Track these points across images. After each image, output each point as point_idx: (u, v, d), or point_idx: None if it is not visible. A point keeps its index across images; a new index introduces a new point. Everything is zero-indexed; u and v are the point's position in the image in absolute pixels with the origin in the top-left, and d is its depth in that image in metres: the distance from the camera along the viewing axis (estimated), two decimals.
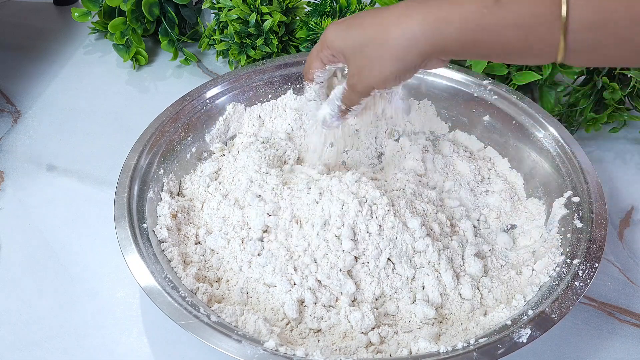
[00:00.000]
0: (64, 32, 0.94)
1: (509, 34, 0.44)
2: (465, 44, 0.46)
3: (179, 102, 0.68)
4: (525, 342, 0.46)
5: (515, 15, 0.43)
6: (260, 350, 0.46)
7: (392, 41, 0.48)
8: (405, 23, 0.47)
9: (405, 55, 0.48)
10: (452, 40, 0.46)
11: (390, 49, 0.48)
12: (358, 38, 0.50)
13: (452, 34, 0.45)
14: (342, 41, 0.51)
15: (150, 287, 0.50)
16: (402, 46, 0.47)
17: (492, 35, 0.44)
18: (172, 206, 0.60)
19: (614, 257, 0.62)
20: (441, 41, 0.46)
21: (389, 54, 0.48)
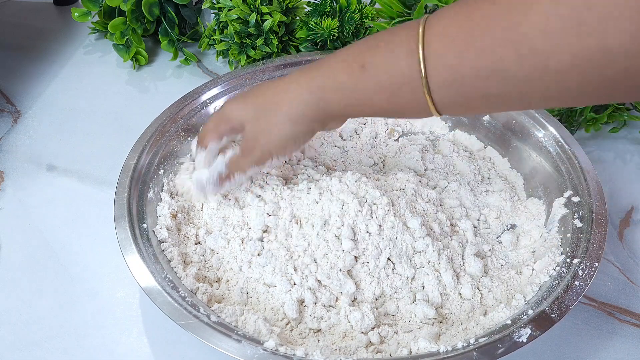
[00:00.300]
0: (64, 32, 0.94)
1: (377, 97, 0.48)
2: (345, 108, 0.51)
3: (179, 103, 0.68)
4: (525, 342, 0.46)
5: (378, 81, 0.47)
6: (260, 350, 0.46)
7: (286, 107, 0.52)
8: (295, 90, 0.52)
9: (300, 119, 0.52)
10: (334, 105, 0.51)
11: (286, 114, 0.52)
12: (255, 106, 0.54)
13: (332, 100, 0.50)
14: (240, 111, 0.55)
15: (150, 287, 0.50)
16: (295, 111, 0.52)
17: (363, 99, 0.49)
18: (172, 206, 0.60)
19: (614, 257, 0.62)
20: (325, 106, 0.51)
21: (284, 118, 0.52)
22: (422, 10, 0.74)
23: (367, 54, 0.48)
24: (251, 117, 0.54)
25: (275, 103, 0.53)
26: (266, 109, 0.53)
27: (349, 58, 0.49)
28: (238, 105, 0.56)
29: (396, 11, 0.77)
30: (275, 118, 0.53)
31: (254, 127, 0.54)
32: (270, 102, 0.53)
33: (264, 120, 0.53)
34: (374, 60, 0.47)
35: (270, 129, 0.53)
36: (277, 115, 0.53)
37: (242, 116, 0.55)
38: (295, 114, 0.52)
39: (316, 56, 0.75)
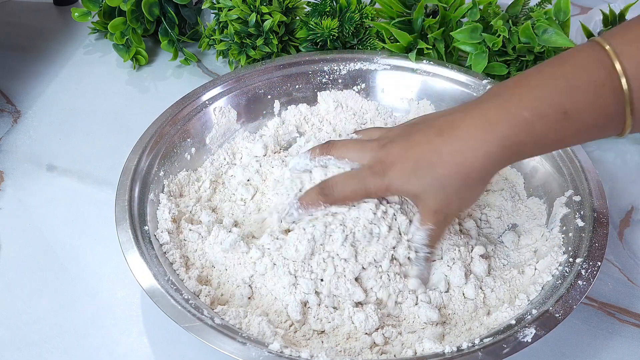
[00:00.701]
0: (64, 32, 0.94)
1: (580, 138, 0.48)
2: (534, 154, 0.50)
3: (178, 103, 0.68)
4: (530, 342, 0.46)
5: (581, 124, 0.45)
6: (265, 352, 0.46)
7: (475, 174, 0.48)
8: (482, 152, 0.47)
9: (488, 177, 0.50)
10: (528, 154, 0.50)
11: (474, 179, 0.48)
12: (434, 180, 0.49)
13: (527, 151, 0.48)
14: (414, 186, 0.50)
15: (153, 290, 0.50)
16: (485, 173, 0.49)
17: (562, 144, 0.49)
18: (172, 210, 0.60)
19: (614, 257, 0.62)
20: (517, 158, 0.49)
21: (474, 183, 0.49)
22: (422, 10, 0.74)
23: (567, 99, 0.45)
24: (429, 190, 0.49)
25: (461, 173, 0.48)
26: (450, 180, 0.48)
27: (543, 106, 0.45)
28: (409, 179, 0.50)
29: (396, 11, 0.77)
30: (464, 187, 0.49)
31: (437, 199, 0.50)
32: (452, 173, 0.48)
33: (450, 192, 0.49)
34: (575, 106, 0.45)
35: (461, 198, 0.50)
36: (466, 184, 0.48)
37: (416, 191, 0.50)
38: (485, 177, 0.49)
39: (316, 56, 0.75)
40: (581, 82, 0.44)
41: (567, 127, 0.45)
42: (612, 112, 0.45)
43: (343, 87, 0.75)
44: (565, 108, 0.45)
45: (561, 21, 0.72)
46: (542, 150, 0.49)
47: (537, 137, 0.46)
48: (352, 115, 0.74)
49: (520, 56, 0.73)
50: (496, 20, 0.71)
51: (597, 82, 0.44)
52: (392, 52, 0.75)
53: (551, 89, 0.45)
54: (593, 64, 0.44)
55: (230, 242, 0.56)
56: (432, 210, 0.50)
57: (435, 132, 0.49)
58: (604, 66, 0.44)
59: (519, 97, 0.46)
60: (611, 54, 0.44)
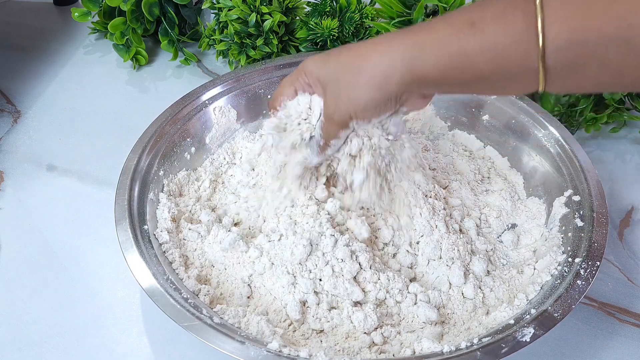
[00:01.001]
0: (64, 32, 0.94)
1: (482, 58, 0.43)
2: (443, 71, 0.45)
3: (178, 103, 0.68)
4: (529, 341, 0.46)
5: (490, 39, 0.42)
6: (264, 351, 0.46)
7: (369, 69, 0.47)
8: (383, 51, 0.46)
9: (384, 82, 0.47)
10: (430, 67, 0.45)
11: (368, 76, 0.47)
12: (335, 66, 0.50)
13: (430, 60, 0.45)
14: (320, 69, 0.52)
15: (152, 289, 0.50)
16: (380, 73, 0.47)
17: (469, 61, 0.43)
18: (172, 210, 0.60)
19: (614, 257, 0.62)
20: (419, 67, 0.45)
21: (365, 80, 0.48)
22: (422, 10, 0.74)
23: (477, 11, 0.43)
24: (331, 76, 0.50)
25: (359, 62, 0.48)
26: (348, 68, 0.49)
27: (454, 17, 0.44)
28: (318, 63, 0.52)
29: (396, 11, 0.77)
30: (356, 78, 0.48)
31: (332, 89, 0.51)
32: (353, 61, 0.48)
33: (345, 81, 0.49)
34: (485, 16, 0.42)
35: (348, 92, 0.49)
36: (359, 75, 0.48)
37: (322, 74, 0.52)
38: (379, 77, 0.47)
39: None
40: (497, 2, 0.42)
41: (472, 36, 0.42)
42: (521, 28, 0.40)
43: None
44: (473, 18, 0.43)
45: None
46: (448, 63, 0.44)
47: (438, 40, 0.44)
48: None
49: None
50: None
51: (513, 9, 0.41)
52: None
53: (467, 7, 0.44)
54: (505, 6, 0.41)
55: (230, 242, 0.56)
56: (327, 101, 0.51)
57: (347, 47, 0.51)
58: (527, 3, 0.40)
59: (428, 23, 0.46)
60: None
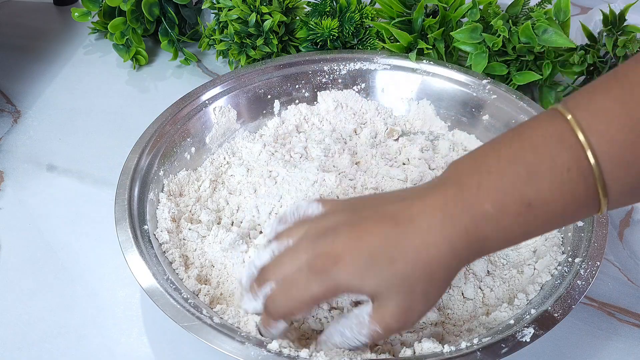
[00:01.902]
0: (64, 32, 0.94)
1: (550, 226, 0.42)
2: (502, 247, 0.43)
3: (178, 103, 0.68)
4: (529, 341, 0.46)
5: (550, 215, 0.40)
6: (264, 351, 0.46)
7: (441, 272, 0.42)
8: (446, 248, 0.41)
9: (453, 275, 0.43)
10: (494, 249, 0.43)
11: (439, 277, 0.42)
12: (396, 278, 0.42)
13: (494, 246, 0.42)
14: (370, 283, 0.42)
15: (152, 289, 0.50)
16: (451, 270, 0.42)
17: (533, 235, 0.43)
18: (172, 210, 0.60)
19: (614, 257, 0.62)
20: (483, 253, 0.43)
21: (439, 281, 0.42)
22: (422, 10, 0.74)
23: (529, 189, 0.39)
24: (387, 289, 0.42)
25: (423, 270, 0.41)
26: (413, 279, 0.41)
27: (505, 198, 0.40)
28: (362, 275, 0.42)
29: (396, 11, 0.77)
30: (428, 286, 0.42)
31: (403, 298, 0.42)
32: (414, 271, 0.41)
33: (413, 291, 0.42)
34: (539, 196, 0.39)
35: (425, 299, 0.43)
36: (431, 282, 0.42)
37: (372, 289, 0.42)
38: (450, 274, 0.43)
39: (316, 56, 0.75)
40: (543, 168, 0.39)
41: (532, 219, 0.40)
42: (583, 197, 0.39)
43: (343, 87, 0.75)
44: (528, 199, 0.39)
45: (561, 21, 0.72)
46: (510, 243, 0.43)
47: (501, 231, 0.41)
48: (352, 115, 0.74)
49: (520, 56, 0.73)
50: (496, 20, 0.71)
51: (561, 167, 0.38)
52: (392, 52, 0.75)
53: (511, 177, 0.40)
54: (554, 144, 0.39)
55: (230, 241, 0.56)
56: (393, 313, 0.43)
57: (389, 221, 0.42)
58: (567, 145, 0.38)
59: (478, 186, 0.40)
60: (575, 127, 0.38)
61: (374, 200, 0.45)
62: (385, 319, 0.43)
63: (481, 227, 0.40)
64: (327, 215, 0.46)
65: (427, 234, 0.41)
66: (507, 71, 0.74)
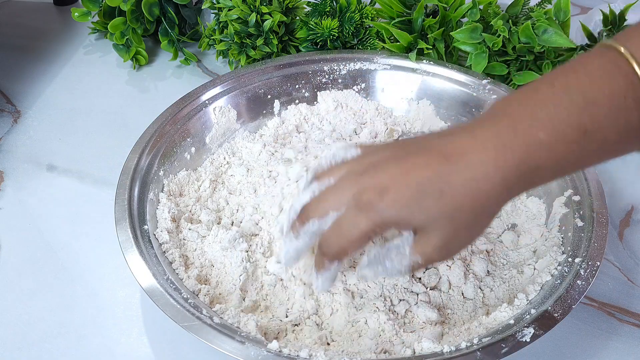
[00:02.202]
0: (64, 32, 0.94)
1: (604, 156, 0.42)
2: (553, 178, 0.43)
3: (178, 103, 0.68)
4: (529, 341, 0.46)
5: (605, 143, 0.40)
6: (264, 351, 0.46)
7: (490, 204, 0.41)
8: (499, 179, 0.40)
9: (500, 207, 0.43)
10: (545, 180, 0.43)
11: (486, 211, 0.42)
12: (443, 211, 0.41)
13: (546, 176, 0.42)
14: (417, 216, 0.41)
15: (152, 289, 0.50)
16: (500, 202, 0.42)
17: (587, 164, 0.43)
18: (172, 210, 0.60)
19: (614, 257, 0.62)
20: (535, 184, 0.43)
21: (485, 215, 0.43)
22: (422, 10, 0.74)
23: (585, 116, 0.39)
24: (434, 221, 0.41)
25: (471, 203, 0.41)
26: (459, 212, 0.41)
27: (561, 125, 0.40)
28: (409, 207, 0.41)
29: (396, 11, 0.77)
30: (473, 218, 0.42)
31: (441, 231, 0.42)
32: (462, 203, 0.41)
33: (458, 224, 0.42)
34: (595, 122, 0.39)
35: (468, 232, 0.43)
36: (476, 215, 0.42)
37: (419, 221, 0.42)
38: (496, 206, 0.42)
39: (316, 56, 0.75)
40: (600, 95, 0.39)
41: (588, 146, 0.40)
42: (637, 125, 0.39)
43: (343, 87, 0.75)
44: (585, 126, 0.39)
45: (561, 21, 0.72)
46: (562, 173, 0.43)
47: (555, 160, 0.40)
48: (352, 115, 0.74)
49: (520, 56, 0.73)
50: (496, 20, 0.71)
51: (617, 93, 0.39)
52: (392, 52, 0.75)
53: (567, 105, 0.40)
54: (610, 72, 0.39)
55: (230, 240, 0.56)
56: (436, 245, 0.42)
57: (438, 156, 0.41)
58: (622, 73, 0.39)
59: (532, 116, 0.40)
60: (629, 58, 0.39)
61: (419, 138, 0.45)
62: (427, 250, 0.43)
63: (535, 156, 0.40)
64: (369, 153, 0.45)
65: (479, 167, 0.40)
66: (507, 71, 0.74)
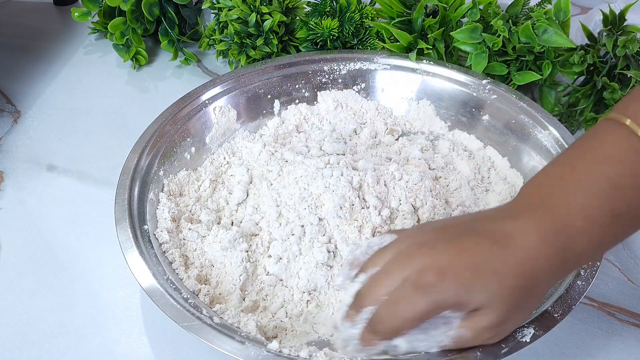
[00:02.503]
0: (64, 32, 0.94)
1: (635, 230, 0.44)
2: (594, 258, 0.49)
3: (178, 103, 0.68)
4: (529, 342, 0.46)
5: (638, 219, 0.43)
6: (264, 351, 0.46)
7: (540, 286, 0.44)
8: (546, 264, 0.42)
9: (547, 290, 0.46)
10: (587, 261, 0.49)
11: (536, 292, 0.44)
12: (502, 290, 0.42)
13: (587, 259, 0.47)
14: (478, 297, 0.42)
15: (152, 289, 0.50)
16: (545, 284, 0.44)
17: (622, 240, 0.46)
18: (172, 210, 0.60)
19: (614, 257, 0.62)
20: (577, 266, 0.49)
21: (535, 296, 0.44)
22: (422, 10, 0.74)
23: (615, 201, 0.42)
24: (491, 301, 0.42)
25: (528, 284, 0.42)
26: (518, 293, 0.42)
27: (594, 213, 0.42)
28: (467, 288, 0.41)
29: (396, 11, 0.77)
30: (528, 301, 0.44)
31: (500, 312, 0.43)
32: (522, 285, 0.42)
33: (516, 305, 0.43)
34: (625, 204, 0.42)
35: (523, 313, 0.45)
36: (530, 297, 0.43)
37: (480, 301, 0.42)
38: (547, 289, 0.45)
39: (316, 56, 0.75)
40: (624, 179, 0.41)
41: (621, 227, 0.43)
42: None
43: (343, 87, 0.75)
44: (616, 210, 0.42)
45: (561, 21, 0.72)
46: (602, 251, 0.48)
47: (593, 243, 0.43)
48: (352, 115, 0.74)
49: (520, 56, 0.73)
50: (496, 20, 0.71)
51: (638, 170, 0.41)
52: (392, 52, 0.75)
53: (595, 192, 0.42)
54: (628, 153, 0.41)
55: (229, 239, 0.56)
56: (489, 324, 0.43)
57: (487, 238, 0.42)
58: (636, 150, 0.41)
59: (566, 206, 0.42)
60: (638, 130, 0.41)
61: (459, 222, 0.46)
62: (478, 327, 0.43)
63: (576, 243, 0.42)
64: (409, 236, 0.46)
65: (527, 250, 0.42)
66: (507, 71, 0.74)
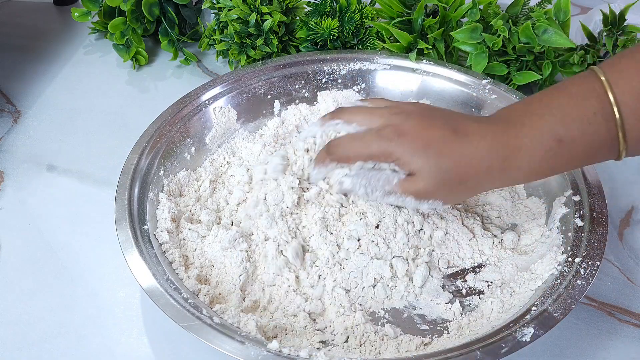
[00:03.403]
0: (64, 32, 0.94)
1: (574, 163, 0.52)
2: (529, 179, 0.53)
3: (178, 103, 0.68)
4: (529, 341, 0.46)
5: (578, 151, 0.49)
6: (264, 351, 0.46)
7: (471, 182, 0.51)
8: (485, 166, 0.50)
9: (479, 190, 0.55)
10: (520, 180, 0.54)
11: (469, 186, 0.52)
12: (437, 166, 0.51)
13: (521, 177, 0.52)
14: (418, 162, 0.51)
15: (152, 289, 0.50)
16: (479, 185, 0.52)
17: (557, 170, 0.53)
18: (172, 210, 0.60)
19: (614, 257, 0.62)
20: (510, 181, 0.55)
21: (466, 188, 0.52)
22: (422, 10, 0.74)
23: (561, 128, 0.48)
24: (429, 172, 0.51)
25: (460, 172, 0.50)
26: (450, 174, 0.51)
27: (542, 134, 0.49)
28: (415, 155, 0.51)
29: (396, 11, 0.77)
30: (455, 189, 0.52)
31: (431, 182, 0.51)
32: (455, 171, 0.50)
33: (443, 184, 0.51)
34: (568, 133, 0.48)
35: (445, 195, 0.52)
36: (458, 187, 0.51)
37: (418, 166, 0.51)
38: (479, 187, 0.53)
39: (316, 56, 0.75)
40: (575, 112, 0.48)
41: (560, 154, 0.49)
42: (604, 139, 0.48)
43: (343, 87, 0.75)
44: (559, 136, 0.48)
45: (561, 21, 0.72)
46: (536, 176, 0.52)
47: (533, 162, 0.50)
48: None
49: (520, 56, 0.73)
50: (496, 20, 0.71)
51: (589, 110, 0.48)
52: (392, 52, 0.75)
53: (548, 118, 0.49)
54: (587, 94, 0.48)
55: (229, 239, 0.56)
56: (418, 189, 0.52)
57: (451, 128, 0.51)
58: (596, 95, 0.48)
59: (522, 124, 0.50)
60: (605, 83, 0.47)
61: (445, 110, 0.56)
62: (409, 189, 0.52)
63: (518, 157, 0.49)
64: (406, 104, 0.56)
65: (475, 148, 0.50)
66: (507, 71, 0.74)
